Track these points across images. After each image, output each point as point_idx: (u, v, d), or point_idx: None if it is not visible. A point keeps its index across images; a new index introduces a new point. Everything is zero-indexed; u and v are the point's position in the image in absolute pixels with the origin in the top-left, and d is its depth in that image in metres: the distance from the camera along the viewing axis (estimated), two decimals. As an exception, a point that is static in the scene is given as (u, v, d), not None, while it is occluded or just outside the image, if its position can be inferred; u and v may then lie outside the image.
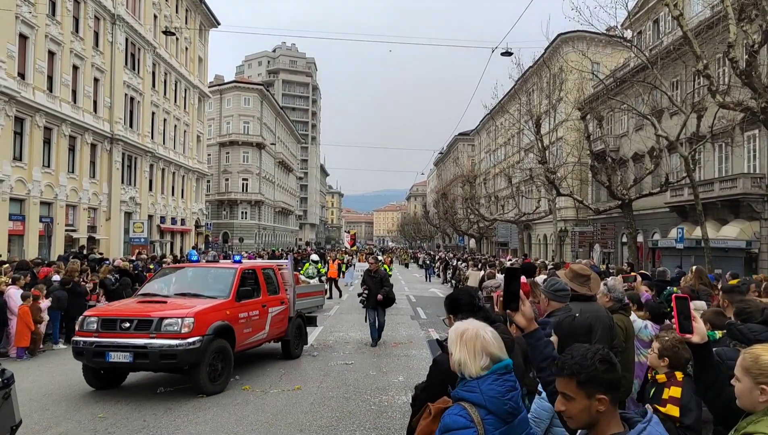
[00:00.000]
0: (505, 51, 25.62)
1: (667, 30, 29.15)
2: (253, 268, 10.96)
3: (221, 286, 9.88)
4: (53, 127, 27.96)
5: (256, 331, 10.20)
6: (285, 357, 11.41)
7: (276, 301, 11.01)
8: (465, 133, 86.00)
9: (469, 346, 2.58)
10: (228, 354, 9.05)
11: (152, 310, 8.78)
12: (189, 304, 9.05)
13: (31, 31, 25.97)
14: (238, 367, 10.42)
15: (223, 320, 9.05)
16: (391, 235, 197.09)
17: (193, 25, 48.62)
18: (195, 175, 50.02)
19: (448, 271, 34.59)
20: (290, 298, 11.63)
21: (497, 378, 2.54)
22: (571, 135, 34.91)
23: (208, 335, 8.60)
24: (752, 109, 12.36)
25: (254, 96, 74.55)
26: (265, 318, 10.50)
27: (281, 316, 11.15)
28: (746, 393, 2.34)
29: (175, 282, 10.49)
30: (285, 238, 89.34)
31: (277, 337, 11.30)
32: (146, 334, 8.33)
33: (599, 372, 2.06)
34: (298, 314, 12.05)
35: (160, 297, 9.59)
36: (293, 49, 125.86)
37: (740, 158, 24.48)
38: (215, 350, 8.76)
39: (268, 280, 11.05)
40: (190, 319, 8.45)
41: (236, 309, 9.54)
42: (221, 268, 11.16)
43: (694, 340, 2.61)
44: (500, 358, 2.59)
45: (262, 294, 10.53)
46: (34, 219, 26.25)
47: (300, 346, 12.00)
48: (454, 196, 68.29)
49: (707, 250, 17.18)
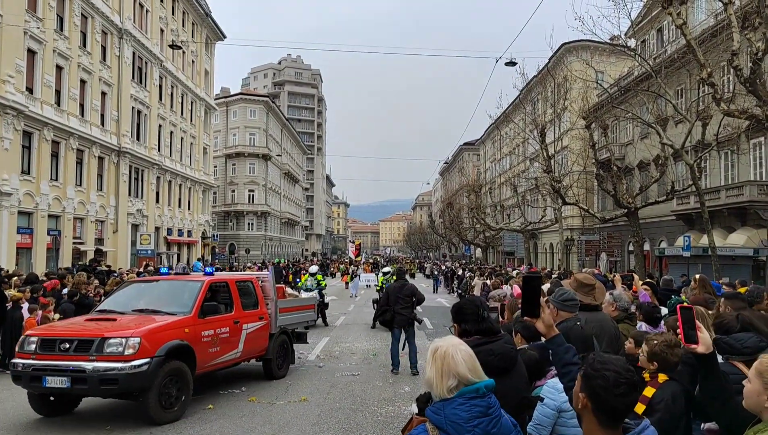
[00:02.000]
0: (509, 61, 25.73)
1: (671, 39, 29.20)
2: (224, 280, 10.16)
3: (183, 301, 9.01)
4: (61, 140, 28.20)
5: (226, 350, 9.33)
6: (267, 377, 10.59)
7: (253, 316, 10.14)
8: (470, 143, 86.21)
9: (437, 365, 2.45)
10: (185, 377, 8.18)
11: (96, 329, 7.93)
12: (139, 322, 8.21)
13: (39, 46, 26.26)
14: (244, 379, 10.45)
15: (180, 339, 8.18)
16: (398, 245, 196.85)
17: (199, 39, 49.04)
18: (201, 186, 50.24)
19: (454, 281, 34.56)
20: (271, 313, 10.68)
21: (463, 402, 2.40)
22: (576, 144, 34.92)
23: (158, 357, 7.70)
24: (757, 116, 12.36)
25: (260, 108, 74.96)
26: (238, 335, 9.63)
27: (260, 333, 10.26)
28: (754, 395, 2.38)
29: (137, 297, 9.58)
30: (291, 248, 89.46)
31: (255, 356, 10.48)
32: (86, 356, 7.49)
33: (596, 381, 2.15)
34: (282, 331, 11.10)
35: (115, 314, 8.70)
36: (298, 61, 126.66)
37: (746, 166, 24.42)
38: (169, 373, 7.89)
39: (245, 293, 10.23)
40: (135, 340, 7.58)
41: (199, 326, 8.67)
42: (187, 281, 10.16)
43: (700, 350, 2.62)
44: (470, 380, 2.43)
45: (236, 309, 9.71)
46: (42, 232, 26.42)
47: (285, 366, 11.07)
48: (459, 205, 68.25)
49: (714, 258, 17.10)
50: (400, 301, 11.48)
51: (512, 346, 3.69)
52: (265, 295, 10.76)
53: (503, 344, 3.54)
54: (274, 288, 11.04)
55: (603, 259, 33.57)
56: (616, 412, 2.15)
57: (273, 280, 11.21)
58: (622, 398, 2.13)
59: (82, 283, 13.79)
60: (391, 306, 11.54)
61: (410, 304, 11.59)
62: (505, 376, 3.26)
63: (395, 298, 11.54)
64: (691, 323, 2.63)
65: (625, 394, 2.13)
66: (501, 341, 3.57)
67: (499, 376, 2.81)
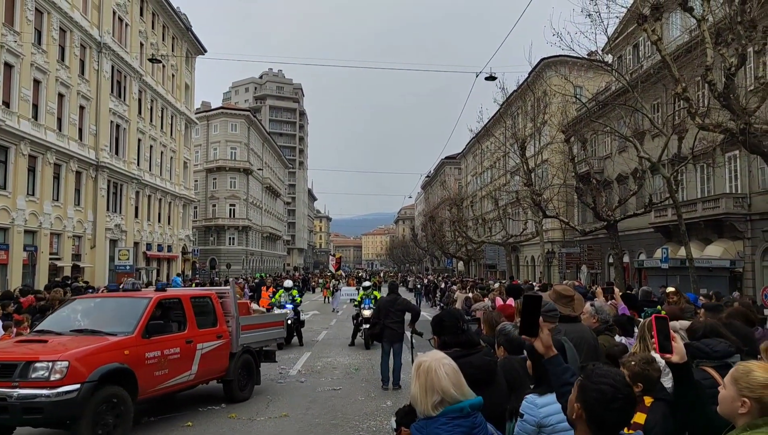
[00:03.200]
0: (489, 75, 25.99)
1: (647, 54, 29.74)
2: (177, 297, 9.42)
3: (126, 320, 8.29)
4: (38, 155, 27.82)
5: (176, 372, 8.64)
6: (228, 401, 9.93)
7: (210, 334, 9.48)
8: (452, 157, 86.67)
9: (421, 380, 2.43)
10: (125, 404, 7.48)
11: (22, 352, 7.25)
12: (72, 344, 7.50)
13: (16, 60, 25.97)
14: (223, 396, 10.27)
15: (118, 362, 7.48)
16: (380, 259, 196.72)
17: (179, 53, 48.89)
18: (182, 201, 49.84)
19: (437, 294, 34.54)
20: (232, 331, 10.03)
21: (447, 422, 2.37)
22: (556, 157, 35.26)
23: (90, 382, 7.00)
24: (731, 130, 12.58)
25: (241, 122, 74.77)
26: (192, 356, 8.97)
27: (218, 353, 9.62)
28: (728, 401, 2.41)
29: (78, 316, 8.80)
30: (273, 263, 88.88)
31: (214, 377, 9.90)
32: (8, 382, 6.77)
33: (592, 393, 2.16)
34: (246, 349, 10.43)
35: (51, 335, 8.01)
36: (280, 75, 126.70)
37: (722, 179, 24.84)
38: (104, 400, 7.20)
39: (202, 310, 9.59)
40: (62, 364, 6.87)
41: (142, 347, 7.98)
42: (133, 299, 9.26)
43: (674, 359, 2.64)
44: (455, 397, 2.41)
45: (189, 327, 9.06)
46: (18, 248, 25.94)
47: (249, 387, 10.42)
48: (441, 219, 68.45)
49: (692, 270, 17.31)
50: (391, 315, 11.34)
51: (491, 358, 3.69)
52: (226, 312, 10.12)
53: (482, 356, 3.53)
54: (235, 304, 10.34)
55: (584, 272, 33.84)
56: (609, 426, 2.14)
57: (234, 296, 10.51)
58: (616, 413, 2.13)
59: (57, 299, 13.53)
60: (382, 320, 11.37)
61: (401, 319, 11.45)
62: (484, 388, 3.24)
63: (386, 312, 11.41)
64: (666, 333, 2.65)
65: (620, 409, 2.13)
66: (480, 353, 3.56)
67: (479, 389, 2.80)
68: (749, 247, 23.43)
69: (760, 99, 11.91)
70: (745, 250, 23.55)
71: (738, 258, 23.56)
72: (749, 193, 23.27)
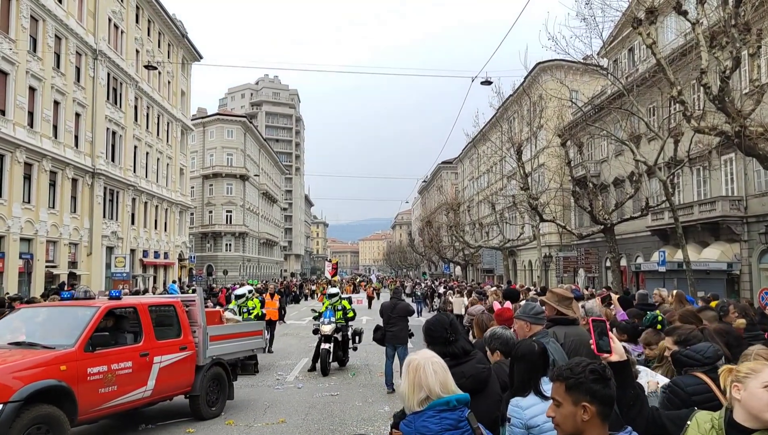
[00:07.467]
0: (485, 80, 26.01)
1: (642, 58, 29.85)
2: (131, 305, 8.53)
3: (68, 331, 7.52)
4: (34, 162, 27.76)
5: (127, 389, 7.81)
6: (195, 418, 9.14)
7: (171, 346, 8.69)
8: (448, 162, 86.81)
9: (410, 377, 2.52)
10: (59, 425, 6.67)
11: None
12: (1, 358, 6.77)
13: (11, 68, 25.94)
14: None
15: (54, 379, 6.73)
16: (377, 265, 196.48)
17: (175, 60, 48.91)
18: (178, 207, 49.75)
19: (434, 300, 34.49)
20: (198, 343, 9.24)
21: (434, 415, 2.45)
22: (552, 161, 35.30)
23: (15, 402, 6.24)
24: (727, 133, 12.59)
25: (237, 128, 74.75)
26: (148, 370, 8.18)
27: (181, 366, 8.82)
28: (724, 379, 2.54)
29: (18, 327, 8.03)
30: (270, 269, 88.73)
31: (178, 393, 9.06)
32: None
33: (587, 380, 2.18)
34: (217, 362, 9.69)
35: None
36: (276, 81, 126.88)
37: (718, 181, 24.90)
38: (33, 422, 6.42)
39: (163, 320, 8.86)
40: None
41: (84, 362, 7.19)
42: (77, 308, 8.29)
43: (613, 359, 2.64)
44: (438, 394, 2.48)
45: (146, 339, 8.26)
46: (14, 256, 25.87)
47: (219, 403, 9.56)
48: (438, 223, 68.47)
49: (689, 273, 17.32)
50: (393, 320, 11.48)
51: (484, 366, 3.65)
52: (192, 321, 9.32)
53: (475, 365, 3.51)
54: (202, 312, 9.54)
55: (581, 275, 33.83)
56: (613, 399, 2.22)
57: (201, 304, 9.72)
58: (611, 381, 2.22)
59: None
60: (383, 326, 11.53)
61: (405, 322, 11.59)
62: (478, 397, 3.22)
63: (387, 317, 11.55)
64: (603, 333, 2.67)
65: (610, 377, 2.23)
66: (473, 362, 3.54)
67: (472, 397, 2.79)
68: (746, 249, 23.46)
69: (755, 102, 11.93)
70: (741, 252, 23.59)
71: (735, 260, 23.60)
72: (745, 195, 23.33)
